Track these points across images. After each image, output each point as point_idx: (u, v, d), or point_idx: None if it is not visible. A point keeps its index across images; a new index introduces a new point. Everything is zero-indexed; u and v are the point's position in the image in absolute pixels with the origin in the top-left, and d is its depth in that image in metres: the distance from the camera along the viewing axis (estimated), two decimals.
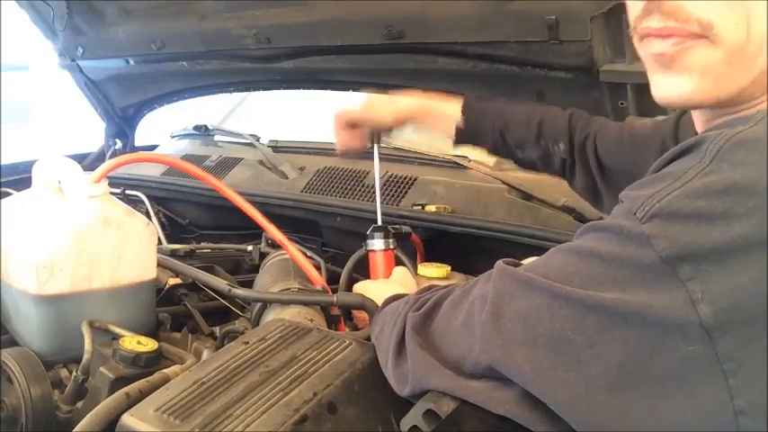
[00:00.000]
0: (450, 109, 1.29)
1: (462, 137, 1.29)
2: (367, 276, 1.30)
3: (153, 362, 0.95)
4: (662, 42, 0.62)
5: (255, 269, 1.47)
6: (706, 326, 0.52)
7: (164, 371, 0.93)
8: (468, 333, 0.70)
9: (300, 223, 1.70)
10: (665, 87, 0.64)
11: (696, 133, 0.69)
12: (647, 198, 0.57)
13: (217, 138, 2.17)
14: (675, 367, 0.54)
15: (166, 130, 2.37)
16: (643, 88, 1.21)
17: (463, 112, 1.27)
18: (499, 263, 0.72)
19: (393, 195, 1.60)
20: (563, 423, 0.61)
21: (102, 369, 0.93)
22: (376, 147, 1.34)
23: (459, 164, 1.65)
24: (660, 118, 1.10)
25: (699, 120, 0.72)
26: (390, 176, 1.65)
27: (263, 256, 1.51)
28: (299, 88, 1.98)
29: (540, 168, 1.26)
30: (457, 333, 0.73)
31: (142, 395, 0.84)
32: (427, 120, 1.32)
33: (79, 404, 0.96)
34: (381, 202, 1.36)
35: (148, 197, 1.87)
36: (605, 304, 0.57)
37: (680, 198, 0.55)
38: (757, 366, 0.53)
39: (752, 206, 0.52)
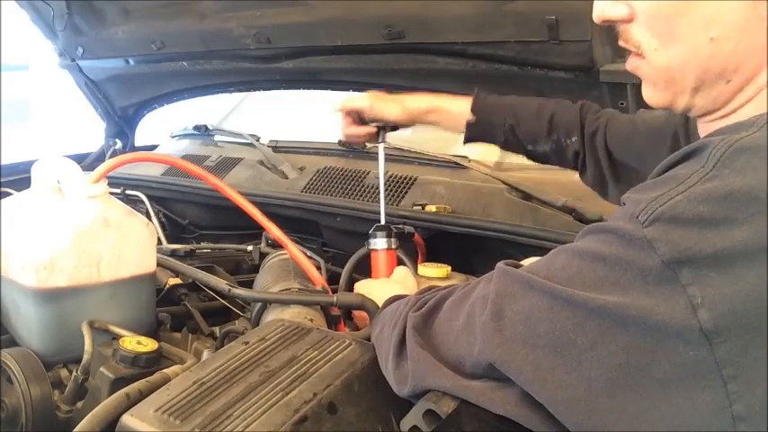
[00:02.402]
0: (459, 106, 1.28)
1: (473, 134, 1.28)
2: (368, 276, 1.30)
3: (153, 362, 0.95)
4: (627, 62, 0.73)
5: (255, 269, 1.47)
6: (706, 331, 0.53)
7: (164, 371, 0.92)
8: (468, 333, 0.71)
9: (300, 223, 1.70)
10: (642, 90, 0.74)
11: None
12: (649, 202, 0.57)
13: (217, 138, 2.17)
14: (675, 371, 0.54)
15: (166, 130, 2.37)
16: None
17: (473, 108, 1.26)
18: (500, 264, 0.72)
19: (393, 195, 1.60)
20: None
21: (102, 369, 0.93)
22: (381, 145, 1.34)
23: (459, 164, 1.65)
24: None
25: (700, 129, 0.74)
26: (390, 176, 1.65)
27: (263, 256, 1.51)
28: (299, 88, 1.98)
29: (552, 161, 1.25)
30: (458, 333, 0.73)
31: (142, 395, 0.84)
32: (436, 117, 1.31)
33: (79, 404, 0.96)
34: None
35: (148, 197, 1.87)
36: (607, 307, 0.57)
37: (682, 202, 0.55)
38: (756, 373, 0.53)
39: (752, 212, 0.53)
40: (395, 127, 1.35)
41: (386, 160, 1.73)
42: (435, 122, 1.33)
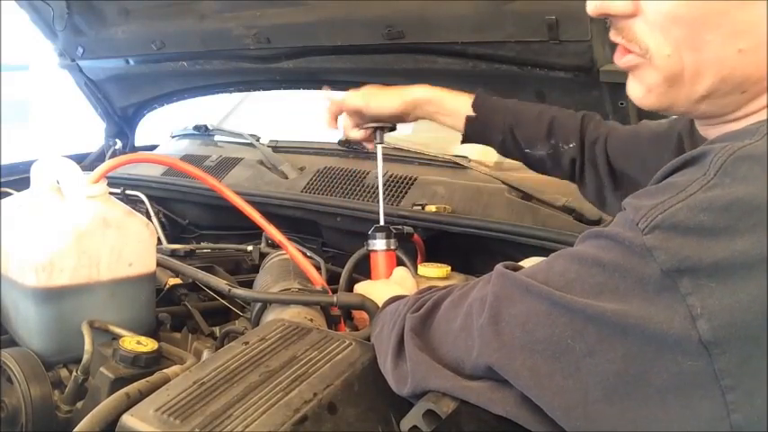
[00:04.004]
0: (460, 102, 1.25)
1: (471, 132, 1.25)
2: (367, 276, 1.30)
3: (153, 362, 0.95)
4: (617, 57, 0.69)
5: (255, 269, 1.47)
6: (705, 342, 0.52)
7: (164, 371, 0.92)
8: (466, 336, 0.70)
9: (300, 223, 1.70)
10: (628, 87, 0.70)
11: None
12: (649, 209, 0.56)
13: (217, 138, 2.17)
14: (673, 380, 0.54)
15: (166, 130, 2.37)
16: None
17: (474, 105, 1.24)
18: (498, 266, 0.71)
19: (393, 195, 1.60)
20: None
21: (102, 369, 0.93)
22: (379, 146, 1.32)
23: (459, 164, 1.65)
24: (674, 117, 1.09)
25: (699, 127, 0.72)
26: (390, 176, 1.65)
27: (263, 256, 1.51)
28: (299, 88, 1.98)
29: (548, 168, 1.23)
30: (456, 335, 0.73)
31: (142, 395, 0.84)
32: (435, 110, 1.27)
33: (79, 404, 0.96)
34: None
35: (148, 197, 1.87)
36: (605, 315, 0.57)
37: (682, 211, 0.54)
38: (756, 383, 0.52)
39: (754, 222, 0.52)
40: (393, 127, 1.32)
41: (385, 160, 1.73)
42: (433, 114, 1.28)
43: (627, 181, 1.10)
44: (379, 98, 1.28)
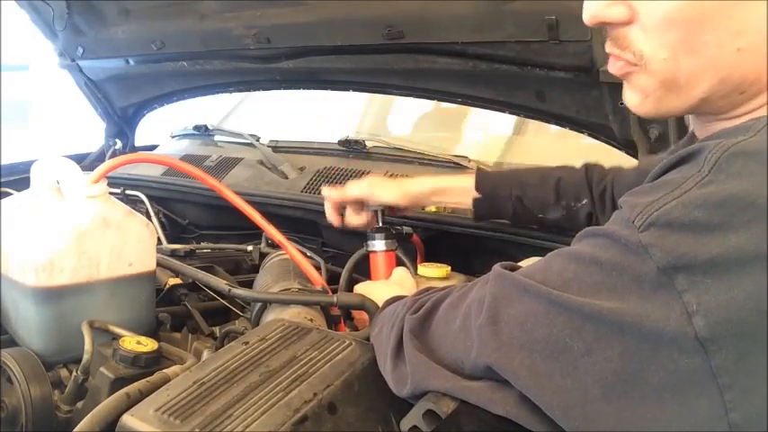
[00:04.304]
0: (462, 183, 1.29)
1: (481, 210, 1.28)
2: (367, 277, 1.30)
3: (153, 362, 0.95)
4: (611, 64, 0.68)
5: (255, 269, 1.47)
6: (701, 339, 0.52)
7: (164, 371, 0.92)
8: (465, 337, 0.70)
9: (300, 223, 1.70)
10: (624, 94, 0.69)
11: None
12: (645, 206, 0.56)
13: (217, 138, 2.16)
14: (670, 378, 0.54)
15: (166, 130, 2.37)
16: None
17: (477, 185, 1.26)
18: (496, 267, 0.71)
19: None
20: None
21: (102, 369, 0.93)
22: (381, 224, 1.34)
23: (459, 164, 1.65)
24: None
25: (694, 126, 0.73)
26: (390, 176, 1.65)
27: (263, 256, 1.51)
28: (299, 88, 1.98)
29: (566, 227, 1.23)
30: (454, 336, 0.73)
31: (142, 395, 0.84)
32: (440, 198, 1.32)
33: (79, 404, 0.96)
34: None
35: (148, 197, 1.87)
36: (602, 313, 0.57)
37: (677, 208, 0.54)
38: (753, 381, 0.52)
39: (749, 218, 0.52)
40: (393, 209, 1.35)
41: (385, 160, 1.74)
42: (440, 203, 1.34)
43: None
44: (381, 188, 1.32)
